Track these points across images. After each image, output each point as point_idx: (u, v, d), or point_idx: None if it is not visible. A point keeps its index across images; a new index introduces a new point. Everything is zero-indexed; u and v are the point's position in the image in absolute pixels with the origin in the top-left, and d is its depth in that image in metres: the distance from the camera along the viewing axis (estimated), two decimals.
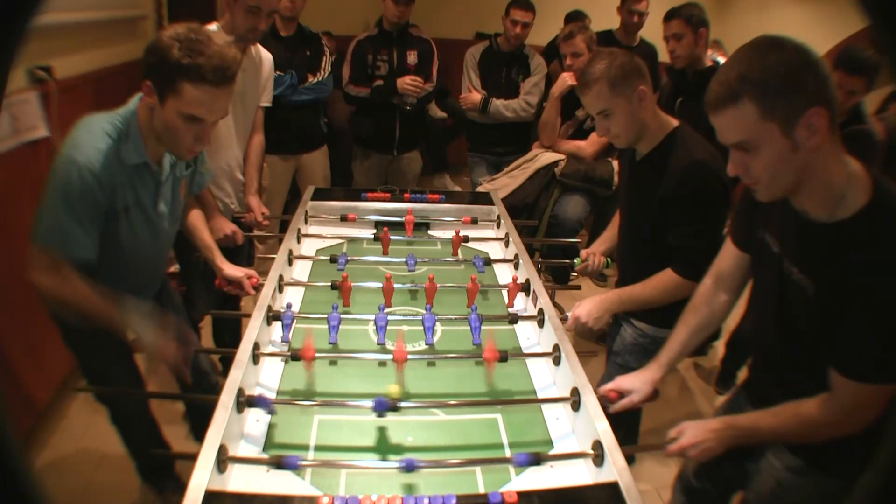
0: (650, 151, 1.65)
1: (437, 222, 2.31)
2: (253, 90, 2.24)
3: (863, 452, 0.63)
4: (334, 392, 1.39)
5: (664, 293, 1.62)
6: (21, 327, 2.23)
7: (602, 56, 1.58)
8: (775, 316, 1.19)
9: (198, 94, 1.29)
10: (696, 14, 2.43)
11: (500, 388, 1.45)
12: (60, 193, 1.32)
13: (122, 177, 1.40)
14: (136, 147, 1.40)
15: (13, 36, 0.34)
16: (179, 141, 1.38)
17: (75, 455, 2.25)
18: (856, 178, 1.03)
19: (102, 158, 1.34)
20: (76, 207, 1.33)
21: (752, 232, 1.26)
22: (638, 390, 1.39)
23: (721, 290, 1.40)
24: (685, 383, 3.00)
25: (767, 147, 1.01)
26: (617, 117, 1.58)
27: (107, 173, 1.35)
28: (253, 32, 2.06)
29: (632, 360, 1.77)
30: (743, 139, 1.03)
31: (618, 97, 1.55)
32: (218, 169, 2.17)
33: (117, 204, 1.41)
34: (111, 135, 1.38)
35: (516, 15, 3.08)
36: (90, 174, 1.32)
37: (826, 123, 0.97)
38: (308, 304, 1.75)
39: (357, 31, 3.46)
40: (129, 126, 1.40)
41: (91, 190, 1.33)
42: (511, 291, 1.76)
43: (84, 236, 1.37)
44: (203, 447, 1.06)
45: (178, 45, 1.27)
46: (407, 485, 1.13)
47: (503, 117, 3.18)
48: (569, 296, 2.92)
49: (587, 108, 1.65)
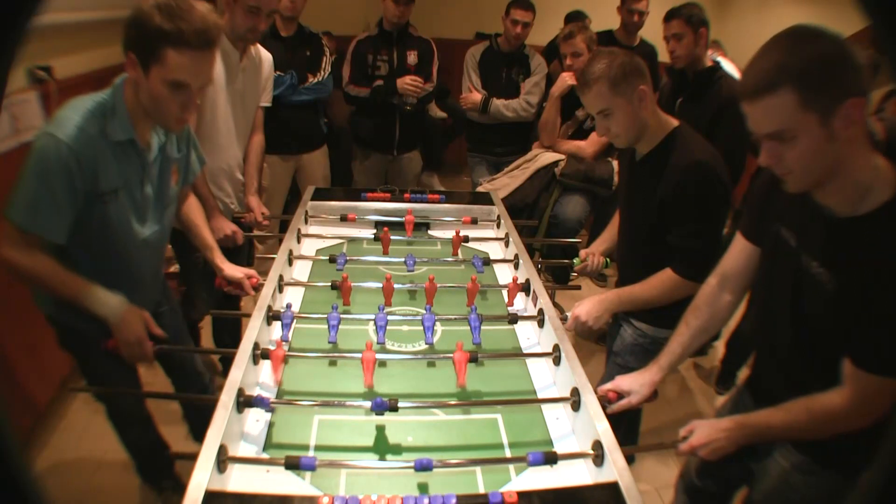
0: (650, 151, 1.64)
1: (437, 222, 2.31)
2: (253, 90, 2.24)
3: (870, 448, 0.63)
4: (334, 392, 1.39)
5: (664, 293, 1.62)
6: (21, 327, 2.23)
7: (602, 56, 1.57)
8: (788, 311, 1.18)
9: (181, 59, 1.28)
10: (697, 14, 2.43)
11: (500, 388, 1.45)
12: (36, 168, 1.30)
13: (107, 156, 1.37)
14: (122, 123, 1.38)
15: (13, 36, 0.34)
16: (166, 111, 1.36)
17: (75, 455, 2.25)
18: (881, 172, 1.03)
19: (83, 136, 1.31)
20: (51, 184, 1.30)
21: (766, 226, 1.25)
22: (637, 391, 1.39)
23: (725, 291, 1.40)
24: (685, 383, 3.00)
25: (804, 137, 0.99)
26: (617, 117, 1.58)
27: (88, 152, 1.32)
28: (253, 32, 2.05)
29: (632, 360, 1.78)
30: (780, 128, 1.00)
31: (618, 97, 1.55)
32: (217, 169, 2.16)
33: (101, 185, 1.37)
34: (95, 112, 1.35)
35: (517, 15, 3.08)
36: (68, 150, 1.29)
37: (862, 115, 0.97)
38: (308, 304, 1.75)
39: (357, 31, 3.46)
40: (115, 102, 1.38)
41: (67, 167, 1.30)
42: (511, 291, 1.76)
43: (54, 215, 1.33)
44: (203, 447, 1.05)
45: (158, 13, 1.26)
46: (407, 485, 1.13)
47: (504, 117, 3.18)
48: (569, 296, 2.92)
49: (587, 107, 1.65)
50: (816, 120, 0.97)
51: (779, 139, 1.02)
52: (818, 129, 0.97)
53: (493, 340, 1.61)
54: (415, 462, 1.10)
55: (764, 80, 0.99)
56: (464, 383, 1.36)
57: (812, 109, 0.97)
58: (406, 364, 1.49)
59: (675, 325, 1.71)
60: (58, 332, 1.62)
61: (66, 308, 1.44)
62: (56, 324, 1.60)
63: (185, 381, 1.89)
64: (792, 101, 0.97)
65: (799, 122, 0.98)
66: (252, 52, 2.20)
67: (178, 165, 1.63)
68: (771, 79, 0.98)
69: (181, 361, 1.87)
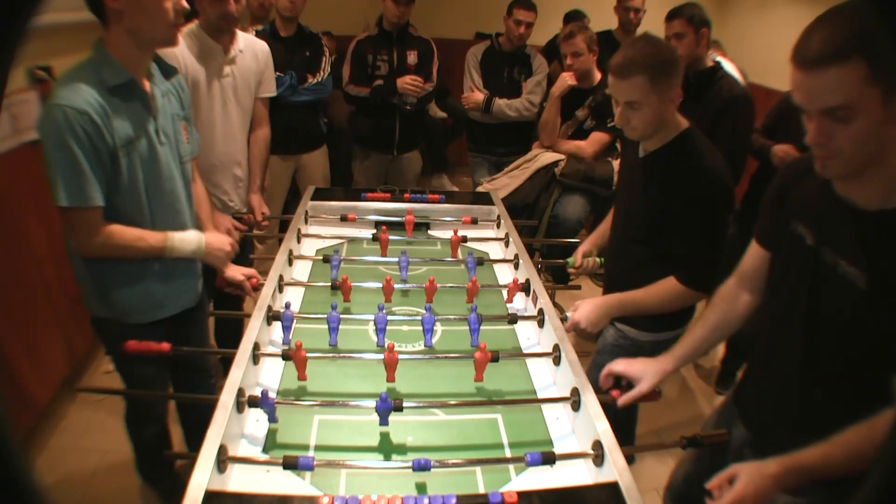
0: (658, 149, 1.58)
1: (437, 222, 2.31)
2: (246, 82, 2.20)
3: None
4: (334, 392, 1.39)
5: (665, 301, 1.59)
6: (21, 327, 2.23)
7: (646, 44, 1.48)
8: (802, 314, 1.11)
9: None
10: (698, 14, 2.43)
11: (500, 388, 1.45)
12: (54, 143, 1.30)
13: (114, 107, 1.37)
14: (113, 68, 1.38)
15: (13, 36, 0.34)
16: (161, 18, 1.37)
17: (75, 455, 2.25)
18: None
19: (85, 94, 1.32)
20: (73, 150, 1.31)
21: (780, 228, 1.19)
22: (646, 379, 1.32)
23: (744, 290, 1.36)
24: (685, 383, 3.00)
25: (864, 115, 0.91)
26: (645, 112, 1.49)
27: (95, 108, 1.33)
28: (224, 20, 2.02)
29: (610, 360, 1.72)
30: (842, 103, 0.92)
31: (653, 93, 1.46)
32: (210, 165, 2.13)
33: (117, 138, 1.38)
34: (86, 70, 1.36)
35: (519, 15, 3.08)
36: (76, 112, 1.30)
37: None
38: (308, 304, 1.75)
39: (357, 31, 3.46)
40: (101, 56, 1.39)
41: (83, 129, 1.30)
42: (511, 291, 1.76)
43: (88, 181, 1.34)
44: (203, 447, 1.05)
45: None
46: (407, 485, 1.13)
47: (506, 117, 3.18)
48: (569, 296, 2.91)
49: (614, 93, 1.53)
50: (879, 97, 0.90)
51: (834, 116, 0.93)
52: (879, 107, 0.90)
53: (494, 340, 1.61)
54: (412, 462, 1.10)
55: (832, 48, 0.89)
56: (481, 379, 1.42)
57: (878, 84, 0.89)
58: (406, 364, 1.49)
59: (658, 329, 1.69)
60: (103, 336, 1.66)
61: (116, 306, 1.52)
62: (102, 327, 1.62)
63: (195, 380, 1.90)
64: (861, 73, 0.88)
65: (863, 97, 0.90)
66: (240, 42, 2.16)
67: (186, 123, 1.64)
68: (842, 46, 0.89)
69: (194, 361, 1.88)
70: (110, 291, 1.54)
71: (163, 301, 1.62)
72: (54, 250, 2.44)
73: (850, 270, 1.01)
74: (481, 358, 1.40)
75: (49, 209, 2.39)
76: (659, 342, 1.68)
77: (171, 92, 1.60)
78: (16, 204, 2.22)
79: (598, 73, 2.88)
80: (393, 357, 1.37)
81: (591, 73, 2.87)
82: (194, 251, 1.58)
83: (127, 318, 1.57)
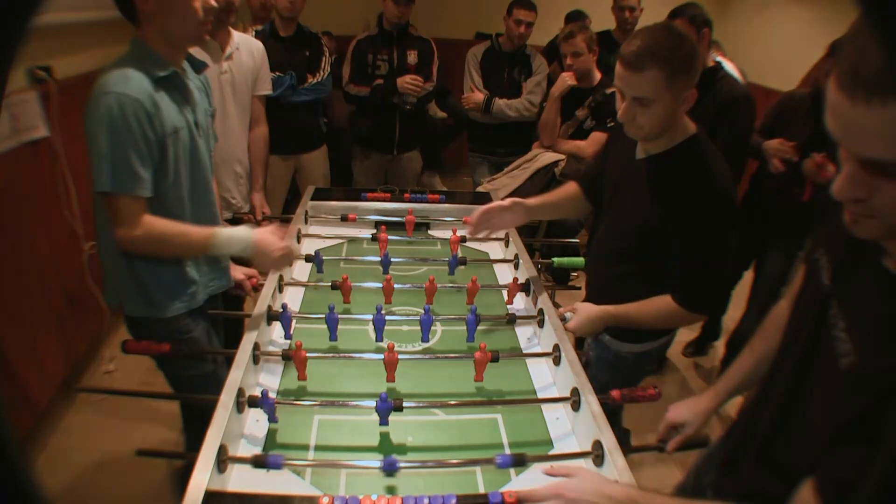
0: (661, 153, 1.45)
1: (437, 222, 2.31)
2: (243, 79, 2.22)
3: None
4: (334, 392, 1.39)
5: (660, 319, 1.50)
6: (21, 327, 2.23)
7: (669, 35, 1.31)
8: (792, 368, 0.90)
9: None
10: (700, 14, 2.43)
11: (500, 388, 1.45)
12: (107, 129, 1.29)
13: (162, 96, 1.38)
14: (157, 60, 1.39)
15: (13, 36, 0.34)
16: (191, 18, 1.38)
17: (75, 455, 2.25)
18: None
19: (138, 83, 1.32)
20: (125, 139, 1.30)
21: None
22: (691, 422, 1.24)
23: None
24: (685, 383, 3.00)
25: None
26: (656, 110, 1.34)
27: (148, 97, 1.33)
28: (210, 13, 2.03)
29: (595, 373, 1.65)
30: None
31: (668, 91, 1.31)
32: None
33: (167, 126, 1.38)
34: (132, 62, 1.36)
35: (520, 15, 3.08)
36: (132, 100, 1.30)
37: None
38: (308, 304, 1.75)
39: (357, 31, 3.46)
40: (140, 48, 1.40)
41: (137, 117, 1.30)
42: (511, 291, 1.76)
43: (138, 169, 1.33)
44: (203, 447, 1.05)
45: None
46: (407, 485, 1.13)
47: (506, 117, 3.18)
48: (569, 296, 2.92)
49: (622, 86, 1.36)
50: None
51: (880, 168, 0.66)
52: None
53: (493, 340, 1.61)
54: (384, 461, 1.11)
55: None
56: (481, 379, 1.42)
57: None
58: (406, 364, 1.49)
59: (640, 340, 1.64)
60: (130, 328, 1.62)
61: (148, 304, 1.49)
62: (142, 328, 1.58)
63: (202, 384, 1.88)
64: None
65: None
66: (235, 40, 2.19)
67: (213, 118, 1.65)
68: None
69: None
70: (150, 289, 1.50)
71: (197, 290, 1.58)
72: (54, 250, 2.44)
73: (842, 338, 0.80)
74: (481, 358, 1.40)
75: (49, 209, 2.40)
76: (642, 353, 1.67)
77: (201, 87, 1.62)
78: (16, 204, 2.22)
79: (598, 73, 2.88)
80: (393, 357, 1.36)
81: (591, 73, 2.87)
82: (241, 251, 1.50)
83: (164, 313, 1.53)
